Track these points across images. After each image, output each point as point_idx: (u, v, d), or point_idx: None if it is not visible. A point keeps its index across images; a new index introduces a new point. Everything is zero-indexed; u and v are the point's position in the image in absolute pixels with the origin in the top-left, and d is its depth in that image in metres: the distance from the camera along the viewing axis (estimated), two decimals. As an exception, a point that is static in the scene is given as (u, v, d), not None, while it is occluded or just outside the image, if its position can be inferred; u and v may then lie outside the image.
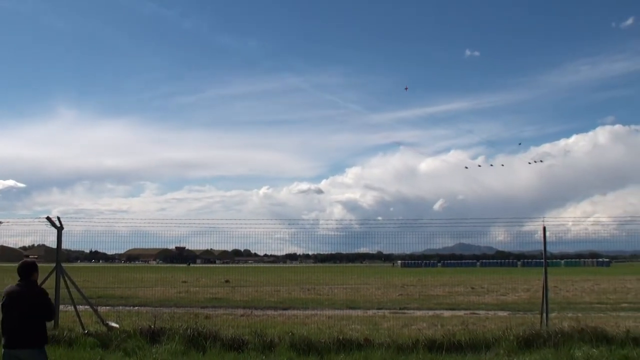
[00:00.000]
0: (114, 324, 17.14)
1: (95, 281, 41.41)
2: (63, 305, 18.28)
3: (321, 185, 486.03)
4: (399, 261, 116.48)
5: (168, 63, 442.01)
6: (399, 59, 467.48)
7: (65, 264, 18.58)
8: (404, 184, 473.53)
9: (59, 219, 17.87)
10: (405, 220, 20.97)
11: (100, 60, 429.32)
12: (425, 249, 25.32)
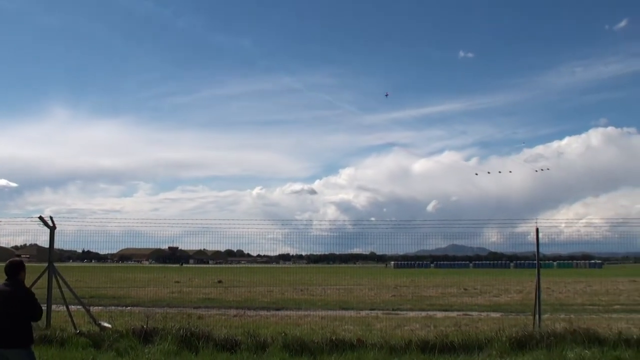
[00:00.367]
0: (106, 324, 17.09)
1: (88, 281, 41.30)
2: (55, 305, 18.22)
3: (314, 185, 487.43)
4: (392, 262, 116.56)
5: (163, 63, 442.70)
6: (393, 60, 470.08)
7: (57, 263, 18.53)
8: (397, 184, 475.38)
9: (51, 218, 17.81)
10: (399, 221, 21.02)
11: (95, 60, 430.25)
12: (418, 250, 25.46)
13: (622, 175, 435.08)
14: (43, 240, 19.20)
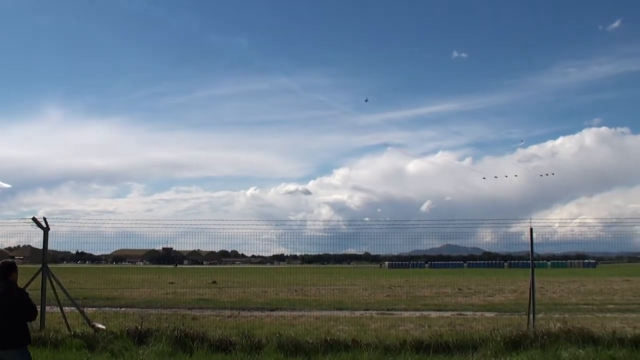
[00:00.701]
0: (100, 325, 17.04)
1: (82, 282, 41.23)
2: (49, 307, 18.15)
3: (309, 186, 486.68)
4: (387, 262, 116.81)
5: (157, 62, 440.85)
6: (387, 61, 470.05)
7: (51, 264, 18.46)
8: (391, 185, 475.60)
9: (45, 219, 17.75)
10: (393, 222, 21.00)
11: (88, 60, 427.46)
12: (412, 250, 25.39)
13: (616, 175, 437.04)
14: (37, 242, 19.13)
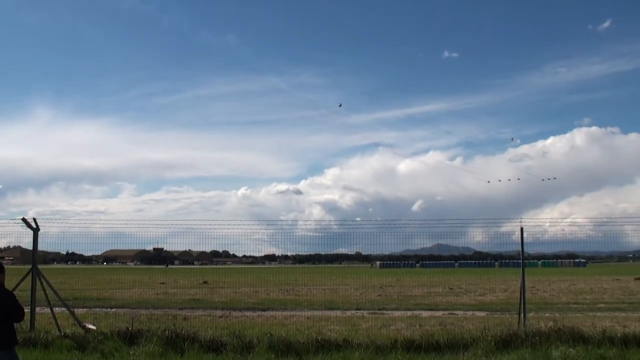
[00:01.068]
0: (90, 326, 16.99)
1: (72, 283, 40.97)
2: (39, 308, 18.06)
3: (300, 186, 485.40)
4: (378, 262, 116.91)
5: (147, 62, 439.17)
6: (378, 60, 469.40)
7: (41, 265, 18.40)
8: (382, 184, 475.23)
9: (34, 220, 17.68)
10: (384, 221, 20.99)
11: (78, 59, 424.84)
12: (403, 250, 25.40)
13: (606, 175, 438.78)
14: (27, 242, 19.06)
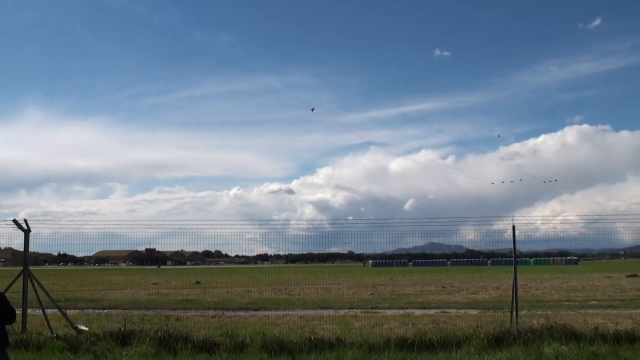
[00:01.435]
0: (83, 327, 16.93)
1: (64, 284, 40.85)
2: (31, 309, 17.97)
3: (292, 185, 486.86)
4: (370, 261, 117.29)
5: (139, 62, 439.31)
6: (370, 60, 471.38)
7: (33, 267, 18.35)
8: (374, 183, 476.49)
9: (26, 221, 17.59)
10: (376, 220, 21.02)
11: (69, 60, 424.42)
12: (396, 249, 25.38)
13: (597, 173, 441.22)
14: (18, 244, 18.98)
